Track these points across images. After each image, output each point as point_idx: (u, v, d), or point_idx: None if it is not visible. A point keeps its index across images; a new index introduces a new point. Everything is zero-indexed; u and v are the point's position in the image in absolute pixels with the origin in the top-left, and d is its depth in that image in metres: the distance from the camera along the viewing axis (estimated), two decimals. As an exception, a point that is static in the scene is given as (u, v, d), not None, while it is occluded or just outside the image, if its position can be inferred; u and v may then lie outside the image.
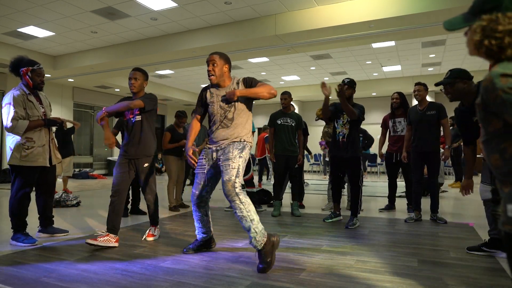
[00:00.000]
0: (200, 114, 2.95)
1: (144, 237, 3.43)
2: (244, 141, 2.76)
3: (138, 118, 3.31)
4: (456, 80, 2.71)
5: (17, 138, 3.19)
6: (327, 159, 13.56)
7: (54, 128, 3.59)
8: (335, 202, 4.35)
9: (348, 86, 4.07)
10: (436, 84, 2.85)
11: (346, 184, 5.22)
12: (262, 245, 2.53)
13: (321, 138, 10.69)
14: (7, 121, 3.14)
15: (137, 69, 3.39)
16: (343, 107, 3.88)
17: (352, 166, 4.08)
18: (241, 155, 2.68)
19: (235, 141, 2.73)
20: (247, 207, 2.58)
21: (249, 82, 2.80)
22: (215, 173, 2.80)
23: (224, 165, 2.64)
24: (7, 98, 3.18)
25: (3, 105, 3.19)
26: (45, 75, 11.48)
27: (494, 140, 1.20)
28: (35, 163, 3.22)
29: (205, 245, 3.02)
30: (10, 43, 8.94)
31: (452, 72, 2.76)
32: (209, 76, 2.78)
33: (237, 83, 2.84)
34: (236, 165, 2.63)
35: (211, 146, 2.82)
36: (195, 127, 2.94)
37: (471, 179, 2.86)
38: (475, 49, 1.25)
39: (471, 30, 1.26)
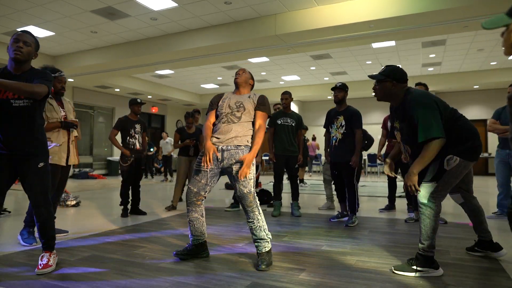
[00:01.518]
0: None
1: (37, 269, 2.45)
2: (249, 146, 2.73)
3: (26, 102, 2.44)
4: (386, 78, 2.53)
5: None
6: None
7: (76, 132, 3.67)
8: (341, 202, 4.38)
9: (340, 89, 4.24)
10: (370, 76, 2.62)
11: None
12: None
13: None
14: None
15: (27, 32, 2.47)
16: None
17: (345, 169, 4.17)
18: (253, 162, 2.65)
19: (241, 145, 2.68)
20: (262, 216, 2.69)
21: (261, 102, 2.78)
22: (218, 172, 2.72)
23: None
24: None
25: None
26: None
27: None
28: (49, 161, 3.31)
29: (197, 251, 2.79)
30: (10, 43, 8.94)
31: (386, 68, 2.58)
32: (235, 79, 2.87)
33: (249, 97, 2.81)
34: (252, 175, 2.64)
35: (216, 143, 2.70)
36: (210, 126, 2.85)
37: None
38: (511, 48, 1.27)
39: (508, 30, 1.28)
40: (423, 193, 2.43)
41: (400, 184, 5.58)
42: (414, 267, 2.41)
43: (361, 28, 6.90)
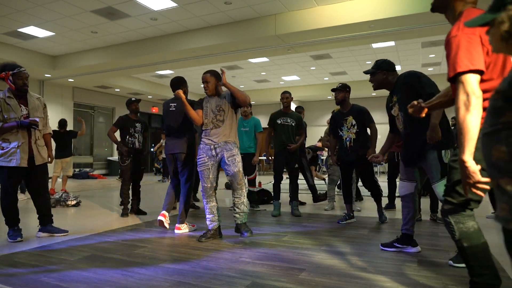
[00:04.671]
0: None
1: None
2: (235, 142, 3.43)
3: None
4: (376, 71, 3.03)
5: None
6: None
7: (49, 129, 3.65)
8: (348, 203, 4.32)
9: (340, 90, 4.14)
10: (364, 72, 3.21)
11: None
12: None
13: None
14: None
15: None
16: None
17: (361, 165, 4.16)
18: (238, 151, 3.42)
19: (229, 141, 3.37)
20: (245, 194, 3.42)
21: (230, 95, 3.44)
22: (218, 165, 3.41)
23: (231, 159, 3.33)
24: None
25: None
26: (45, 75, 11.28)
27: (503, 132, 1.16)
28: (8, 164, 3.25)
29: (217, 233, 3.42)
30: (10, 43, 8.94)
31: (376, 62, 3.07)
32: (205, 90, 3.45)
33: (224, 97, 3.44)
34: (239, 158, 3.39)
35: (208, 143, 3.37)
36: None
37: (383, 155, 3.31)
38: (502, 41, 1.18)
39: (495, 24, 1.21)
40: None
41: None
42: (396, 243, 2.86)
43: (361, 28, 6.91)
